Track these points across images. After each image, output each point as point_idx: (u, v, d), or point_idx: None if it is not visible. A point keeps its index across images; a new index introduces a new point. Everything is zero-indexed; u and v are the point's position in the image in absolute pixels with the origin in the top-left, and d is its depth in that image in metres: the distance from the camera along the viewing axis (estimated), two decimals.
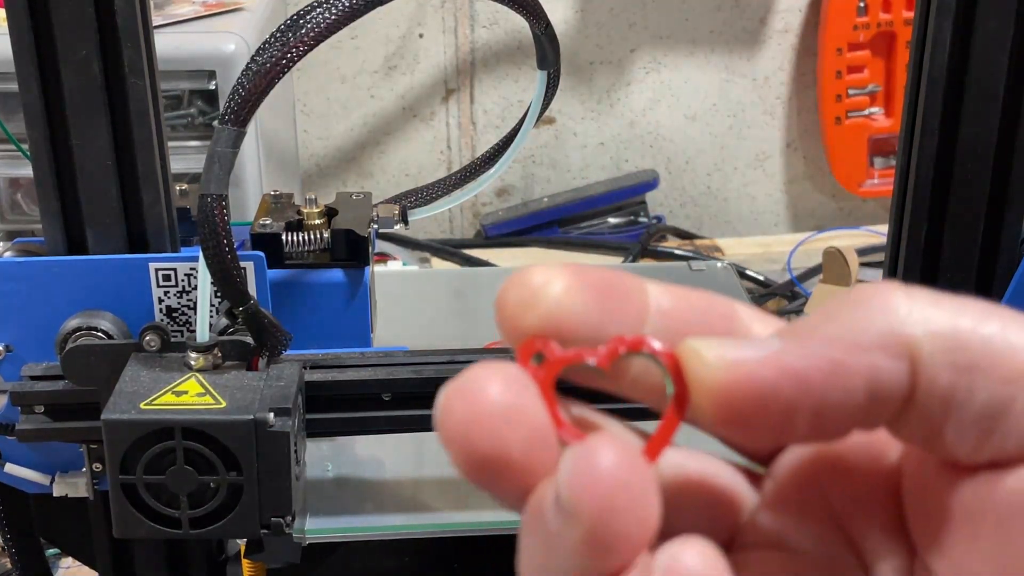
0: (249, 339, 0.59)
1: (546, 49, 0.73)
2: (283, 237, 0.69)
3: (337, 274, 0.70)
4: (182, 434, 0.54)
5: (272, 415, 0.55)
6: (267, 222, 0.70)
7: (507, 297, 0.23)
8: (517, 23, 1.56)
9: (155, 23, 0.61)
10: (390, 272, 1.10)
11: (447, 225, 1.69)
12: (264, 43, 0.56)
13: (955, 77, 0.64)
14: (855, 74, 1.56)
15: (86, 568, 0.70)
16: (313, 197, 0.72)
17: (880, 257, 1.22)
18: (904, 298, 0.22)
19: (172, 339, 0.60)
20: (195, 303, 0.60)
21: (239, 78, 0.56)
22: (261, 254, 0.62)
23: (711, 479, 0.25)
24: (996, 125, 0.64)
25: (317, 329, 0.69)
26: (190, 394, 0.56)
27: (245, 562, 0.67)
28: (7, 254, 0.64)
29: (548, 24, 0.71)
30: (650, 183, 1.65)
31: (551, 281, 0.23)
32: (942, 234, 0.67)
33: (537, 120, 0.76)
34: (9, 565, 0.70)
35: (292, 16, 0.57)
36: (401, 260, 1.20)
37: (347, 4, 0.57)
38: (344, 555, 0.69)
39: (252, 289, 0.62)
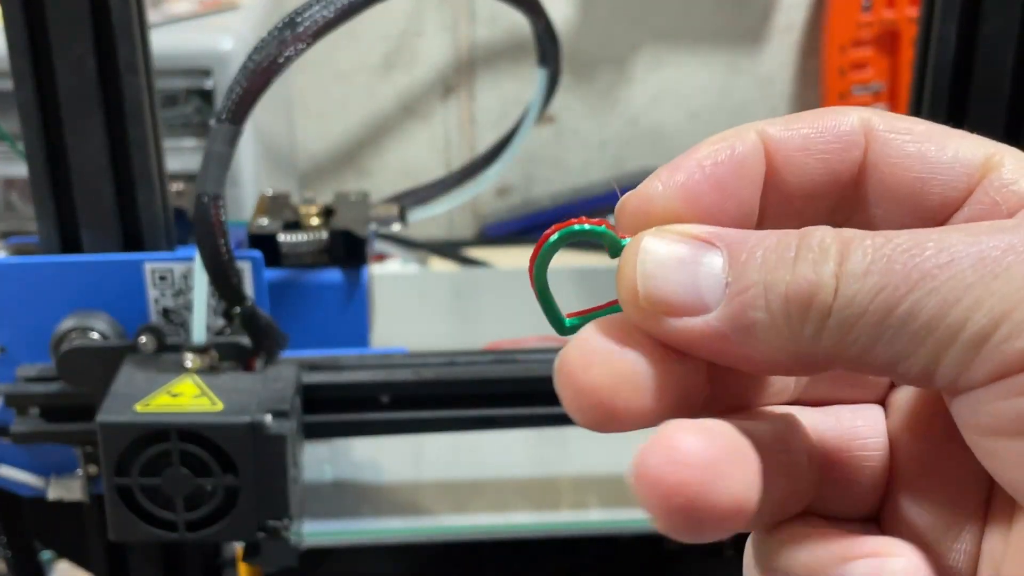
0: (246, 340, 0.59)
1: (546, 47, 0.72)
2: (280, 237, 0.69)
3: (335, 274, 0.69)
4: (178, 436, 0.54)
5: (269, 417, 0.55)
6: (264, 222, 0.70)
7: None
8: (517, 20, 1.55)
9: (151, 21, 0.61)
10: (389, 272, 1.10)
11: (447, 225, 1.68)
12: (261, 41, 0.56)
13: (960, 75, 0.64)
14: (859, 71, 1.56)
15: (81, 572, 0.69)
16: (311, 197, 0.71)
17: None
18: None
19: (168, 340, 0.59)
20: (191, 304, 0.59)
21: (236, 76, 0.56)
22: (258, 254, 0.62)
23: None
24: (1002, 123, 0.64)
25: (315, 330, 0.68)
26: (186, 396, 0.56)
27: (242, 566, 0.66)
28: (1, 254, 0.63)
29: (548, 21, 0.71)
30: None
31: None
32: None
33: (537, 119, 0.76)
34: (4, 569, 0.70)
35: (289, 14, 0.56)
36: (400, 260, 1.19)
37: (345, 2, 0.56)
38: (342, 559, 0.68)
39: (249, 289, 0.61)
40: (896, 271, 0.21)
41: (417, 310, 0.92)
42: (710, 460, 0.21)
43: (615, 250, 0.24)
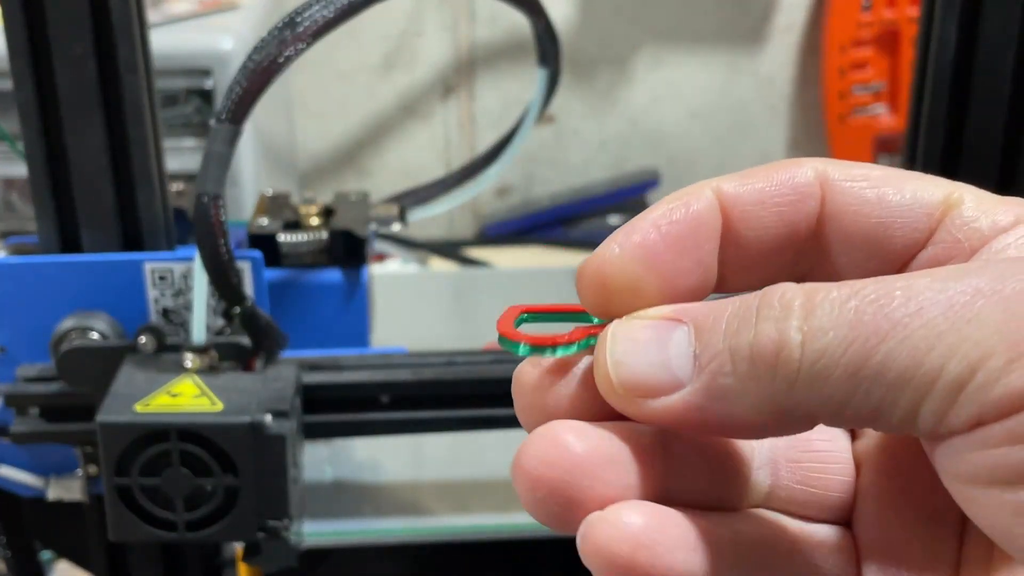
0: (246, 340, 0.59)
1: (546, 46, 0.72)
2: (280, 237, 0.69)
3: (335, 274, 0.69)
4: (178, 436, 0.54)
5: (269, 417, 0.55)
6: (264, 222, 0.70)
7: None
8: (517, 20, 1.55)
9: (151, 21, 0.61)
10: (389, 272, 1.10)
11: (447, 225, 1.68)
12: (261, 41, 0.56)
13: (961, 75, 0.63)
14: (859, 71, 1.56)
15: (81, 572, 0.69)
16: (311, 197, 0.71)
17: None
18: None
19: (168, 340, 0.59)
20: (191, 304, 0.59)
21: (236, 76, 0.56)
22: (258, 254, 0.62)
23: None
24: (1002, 123, 0.64)
25: (315, 330, 0.68)
26: (186, 396, 0.56)
27: (242, 566, 0.66)
28: (1, 254, 0.63)
29: (548, 21, 0.71)
30: (652, 182, 1.65)
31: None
32: None
33: (537, 119, 0.76)
34: (3, 569, 0.69)
35: (289, 13, 0.56)
36: (400, 260, 1.19)
37: (345, 2, 0.56)
38: (342, 559, 0.68)
39: (249, 289, 0.61)
40: (866, 322, 0.21)
41: (417, 310, 0.92)
42: (579, 460, 0.23)
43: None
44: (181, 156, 1.15)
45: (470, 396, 0.61)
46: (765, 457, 0.26)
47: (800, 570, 0.25)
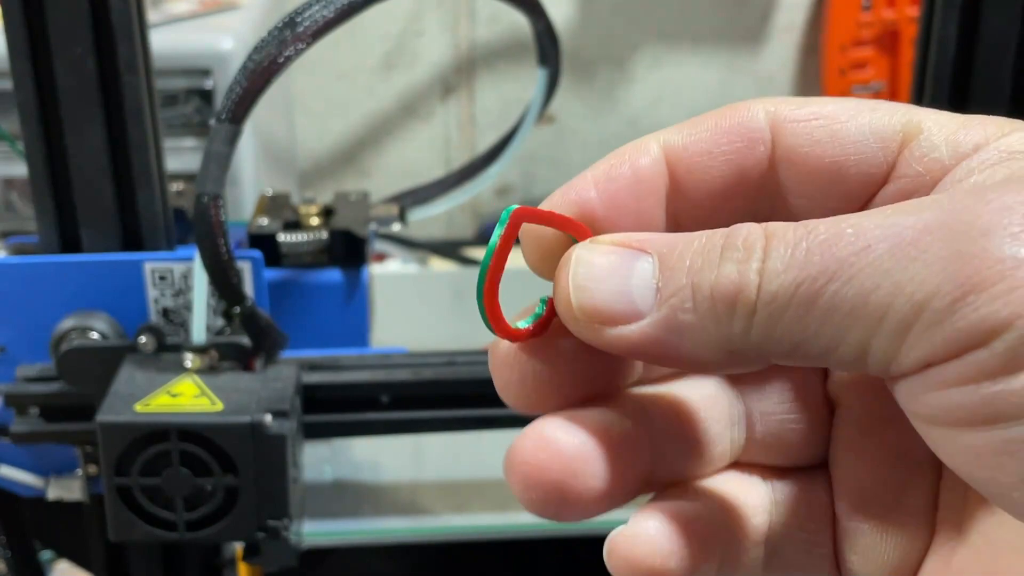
0: (246, 340, 0.59)
1: (546, 46, 0.72)
2: (280, 237, 0.69)
3: (335, 274, 0.69)
4: (178, 436, 0.54)
5: (269, 417, 0.54)
6: (264, 222, 0.70)
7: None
8: (517, 20, 1.55)
9: (151, 20, 0.61)
10: (388, 272, 1.10)
11: (447, 225, 1.68)
12: (261, 40, 0.56)
13: (960, 75, 0.63)
14: (859, 71, 1.56)
15: (81, 572, 0.69)
16: (311, 197, 0.71)
17: None
18: None
19: (168, 340, 0.59)
20: (191, 303, 0.59)
21: (236, 76, 0.56)
22: (258, 254, 0.62)
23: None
24: None
25: (315, 330, 0.68)
26: (186, 396, 0.56)
27: (242, 566, 0.66)
28: (1, 254, 0.63)
29: (548, 21, 0.71)
30: None
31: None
32: None
33: (537, 119, 0.76)
34: (4, 569, 0.69)
35: (289, 14, 0.56)
36: (400, 260, 1.19)
37: (345, 2, 0.56)
38: (342, 559, 0.68)
39: (249, 289, 0.61)
40: (815, 263, 0.20)
41: (417, 310, 0.92)
42: (568, 459, 0.23)
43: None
44: (181, 156, 1.15)
45: (470, 396, 0.61)
46: (738, 412, 0.26)
47: (776, 531, 0.26)
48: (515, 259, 0.24)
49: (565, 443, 0.23)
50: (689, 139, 0.24)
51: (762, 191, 0.24)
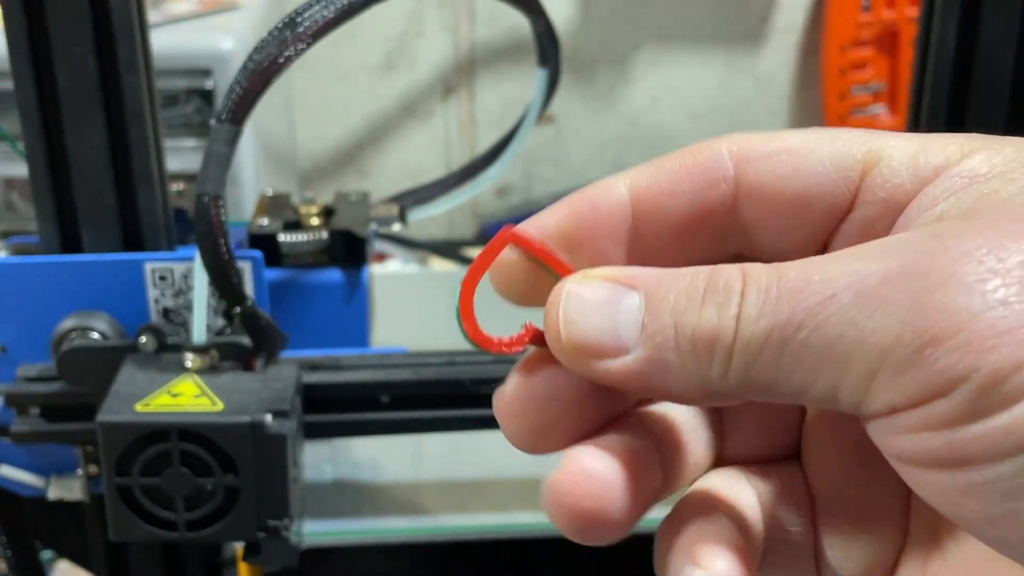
0: (246, 340, 0.59)
1: (546, 47, 0.72)
2: (280, 237, 0.69)
3: (335, 274, 0.69)
4: (178, 436, 0.54)
5: (270, 417, 0.55)
6: (264, 222, 0.70)
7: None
8: (517, 21, 1.55)
9: (151, 21, 0.61)
10: (389, 272, 1.10)
11: (447, 225, 1.68)
12: (261, 41, 0.56)
13: (960, 75, 0.63)
14: (859, 71, 1.56)
15: (81, 572, 0.69)
16: (311, 197, 0.71)
17: None
18: None
19: (168, 340, 0.59)
20: (191, 303, 0.59)
21: (236, 76, 0.56)
22: (259, 254, 0.62)
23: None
24: (1001, 123, 0.64)
25: (315, 330, 0.68)
26: (187, 395, 0.56)
27: (242, 565, 0.66)
28: (1, 254, 0.63)
29: (548, 21, 0.71)
30: None
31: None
32: None
33: (537, 119, 0.76)
34: (4, 569, 0.69)
35: (289, 14, 0.56)
36: (400, 260, 1.20)
37: (345, 2, 0.56)
38: (342, 559, 0.68)
39: (249, 289, 0.61)
40: (784, 310, 0.21)
41: (417, 310, 0.92)
42: (608, 489, 0.23)
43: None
44: (181, 156, 1.15)
45: (470, 396, 0.61)
46: (715, 413, 0.27)
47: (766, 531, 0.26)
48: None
49: (604, 473, 0.24)
50: (652, 179, 0.25)
51: (729, 226, 0.25)
